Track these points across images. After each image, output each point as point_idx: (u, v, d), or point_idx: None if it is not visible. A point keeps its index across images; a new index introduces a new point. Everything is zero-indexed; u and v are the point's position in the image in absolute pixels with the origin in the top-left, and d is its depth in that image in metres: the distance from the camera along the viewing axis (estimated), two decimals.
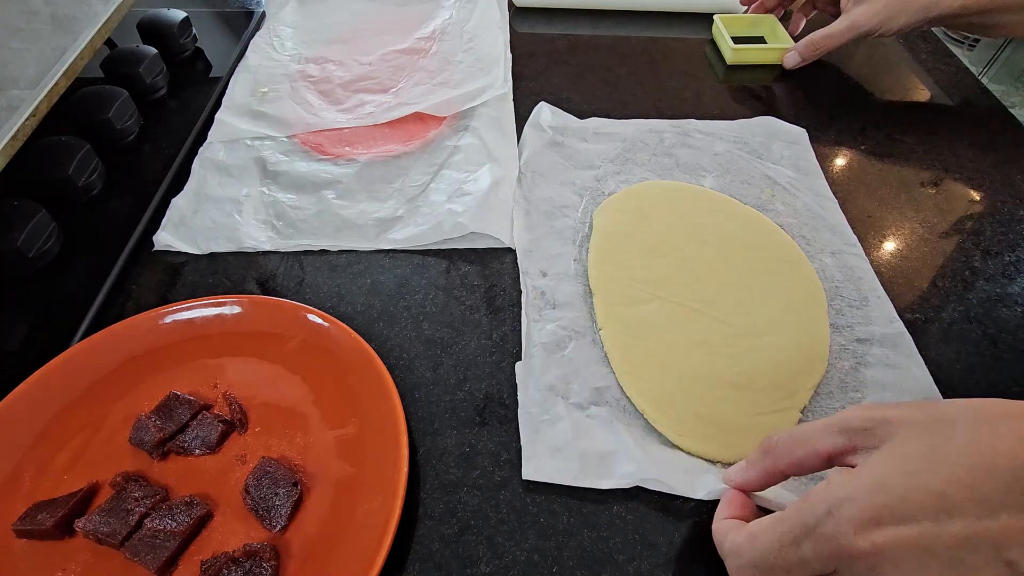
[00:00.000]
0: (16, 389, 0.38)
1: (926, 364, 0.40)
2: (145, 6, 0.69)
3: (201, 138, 0.57)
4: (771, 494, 0.31)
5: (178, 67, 0.65)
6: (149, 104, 0.60)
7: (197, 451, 0.37)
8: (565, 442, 0.36)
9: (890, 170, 0.55)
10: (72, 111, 0.55)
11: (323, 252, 0.48)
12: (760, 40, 0.68)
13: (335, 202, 0.51)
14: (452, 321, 0.44)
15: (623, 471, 0.35)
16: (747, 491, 0.31)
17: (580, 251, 0.47)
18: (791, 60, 0.64)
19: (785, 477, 0.30)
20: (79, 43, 0.58)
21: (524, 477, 0.35)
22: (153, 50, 0.62)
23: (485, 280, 0.46)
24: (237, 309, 0.42)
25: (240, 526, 0.34)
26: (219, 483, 0.36)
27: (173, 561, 0.33)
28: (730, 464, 0.36)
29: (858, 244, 0.48)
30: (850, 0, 0.60)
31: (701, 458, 0.36)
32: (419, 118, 0.59)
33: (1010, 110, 0.61)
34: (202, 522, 0.34)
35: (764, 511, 0.31)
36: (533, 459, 0.36)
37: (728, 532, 0.28)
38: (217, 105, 0.60)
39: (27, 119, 0.51)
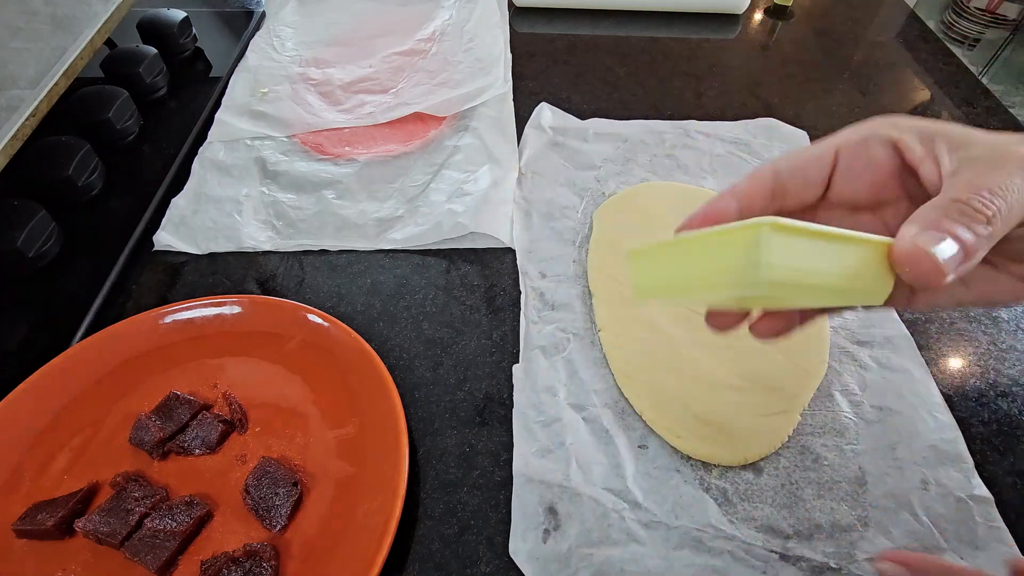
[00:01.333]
0: (16, 389, 0.38)
1: (926, 364, 0.40)
2: (145, 6, 0.69)
3: (201, 138, 0.57)
4: None
5: (178, 67, 0.65)
6: (149, 104, 0.60)
7: (197, 451, 0.37)
8: (557, 444, 0.37)
9: None
10: (72, 111, 0.55)
11: (323, 252, 0.48)
12: None
13: (335, 202, 0.51)
14: (452, 321, 0.44)
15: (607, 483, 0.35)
16: None
17: (580, 252, 0.47)
18: None
19: None
20: (79, 43, 0.58)
21: (514, 471, 0.35)
22: (153, 50, 0.62)
23: (485, 280, 0.46)
24: (237, 309, 0.43)
25: (240, 526, 0.34)
26: (219, 483, 0.36)
27: (173, 561, 0.33)
28: (727, 466, 0.36)
29: None
30: None
31: (700, 460, 0.36)
32: (419, 118, 0.59)
33: (1010, 110, 0.61)
34: (202, 522, 0.34)
35: None
36: (522, 457, 0.36)
37: None
38: (217, 105, 0.60)
39: (27, 119, 0.51)
